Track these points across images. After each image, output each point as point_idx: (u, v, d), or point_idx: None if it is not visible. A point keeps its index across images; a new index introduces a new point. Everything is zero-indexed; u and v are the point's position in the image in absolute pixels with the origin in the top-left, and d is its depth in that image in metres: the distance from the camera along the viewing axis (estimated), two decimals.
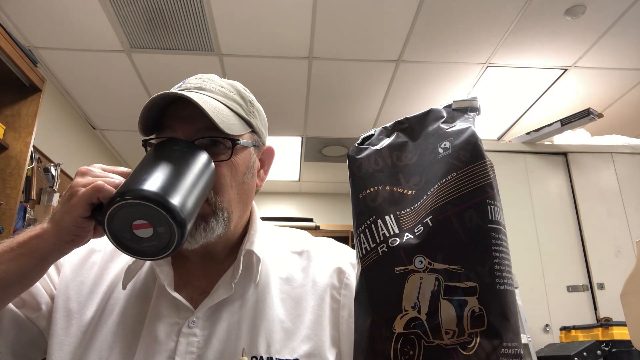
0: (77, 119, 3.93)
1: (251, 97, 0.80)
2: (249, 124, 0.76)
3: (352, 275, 0.77)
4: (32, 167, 2.94)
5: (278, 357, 0.68)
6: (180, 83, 0.77)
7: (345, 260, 0.80)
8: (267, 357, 0.67)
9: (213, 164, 0.67)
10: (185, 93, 0.70)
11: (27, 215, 2.96)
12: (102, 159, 4.47)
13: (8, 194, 2.40)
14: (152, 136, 0.74)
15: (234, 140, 0.72)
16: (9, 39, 2.35)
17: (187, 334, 0.69)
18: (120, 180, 0.62)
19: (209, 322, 0.70)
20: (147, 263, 0.76)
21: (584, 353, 1.97)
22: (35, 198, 3.06)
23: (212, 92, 0.74)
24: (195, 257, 0.77)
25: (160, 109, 0.71)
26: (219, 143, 0.71)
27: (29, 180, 2.95)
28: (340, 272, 0.77)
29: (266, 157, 0.83)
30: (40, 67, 3.18)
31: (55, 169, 3.31)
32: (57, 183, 3.31)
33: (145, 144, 0.74)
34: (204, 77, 0.77)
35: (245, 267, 0.74)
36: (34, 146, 2.71)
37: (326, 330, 0.72)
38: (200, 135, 0.70)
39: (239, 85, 0.79)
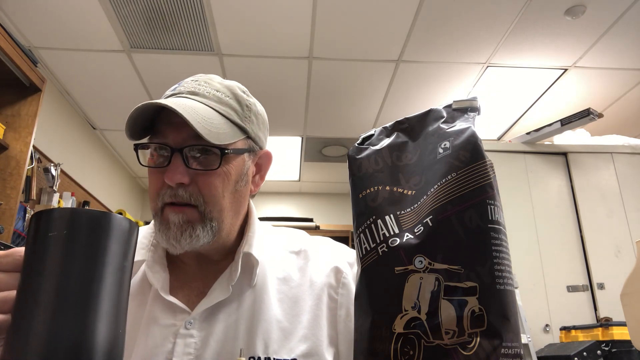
0: (77, 119, 3.93)
1: (250, 100, 0.77)
2: (243, 130, 0.74)
3: (350, 275, 0.77)
4: (32, 167, 2.94)
5: (276, 357, 0.68)
6: (177, 85, 0.76)
7: (343, 259, 0.79)
8: (265, 358, 0.67)
9: (129, 225, 0.46)
10: (174, 99, 0.69)
11: (27, 215, 2.96)
12: (102, 159, 4.47)
13: (8, 194, 2.40)
14: (145, 140, 0.72)
15: (222, 149, 0.70)
16: (9, 39, 2.35)
17: (184, 335, 0.69)
18: (11, 299, 0.44)
19: (206, 323, 0.70)
20: (142, 267, 0.75)
21: (584, 353, 1.97)
22: (35, 198, 3.06)
23: (205, 97, 0.72)
24: (190, 259, 0.77)
25: (153, 112, 0.70)
26: (208, 151, 0.70)
27: (29, 180, 2.95)
28: (337, 272, 0.77)
29: (263, 162, 0.81)
30: (40, 67, 3.18)
31: (55, 169, 3.31)
32: (57, 183, 3.32)
33: (137, 148, 0.72)
34: (200, 80, 0.75)
35: (243, 270, 0.74)
36: (34, 146, 2.71)
37: (324, 329, 0.72)
38: (189, 143, 0.69)
39: (237, 88, 0.77)
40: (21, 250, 0.46)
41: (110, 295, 0.43)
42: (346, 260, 0.79)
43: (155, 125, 0.71)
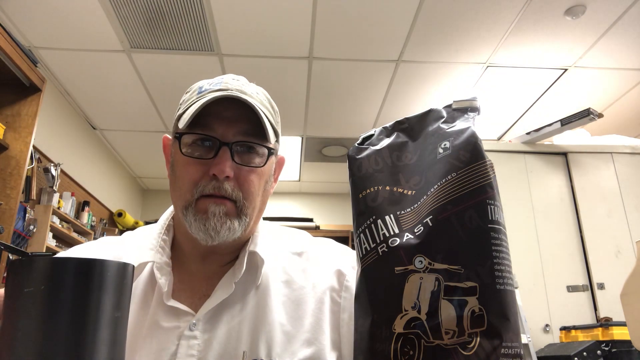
0: (77, 119, 3.93)
1: (276, 107, 0.80)
2: (276, 133, 0.76)
3: (352, 278, 0.76)
4: (32, 167, 2.94)
5: None
6: (217, 81, 0.75)
7: (345, 262, 0.79)
8: None
9: (122, 269, 0.41)
10: (236, 95, 0.70)
11: (27, 215, 2.96)
12: (102, 159, 4.47)
13: (8, 194, 2.40)
14: (193, 130, 0.71)
15: (270, 148, 0.73)
16: (9, 39, 2.35)
17: (188, 337, 0.69)
18: None
19: (209, 324, 0.70)
20: (146, 269, 0.75)
21: (584, 353, 1.97)
22: (35, 198, 3.06)
23: (252, 97, 0.73)
24: (196, 261, 0.77)
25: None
26: (253, 149, 0.72)
27: (29, 180, 2.95)
28: (340, 275, 0.77)
29: (277, 166, 0.83)
30: (40, 67, 3.19)
31: (55, 169, 3.31)
32: (57, 183, 3.32)
33: (180, 136, 0.72)
34: (241, 80, 0.76)
35: (248, 269, 0.74)
36: (34, 146, 2.71)
37: (326, 333, 0.71)
38: (239, 139, 0.70)
39: (266, 92, 0.79)
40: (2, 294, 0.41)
41: (102, 354, 0.38)
42: (349, 263, 0.79)
43: (197, 117, 0.70)
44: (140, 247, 0.75)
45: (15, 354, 0.36)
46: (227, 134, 0.70)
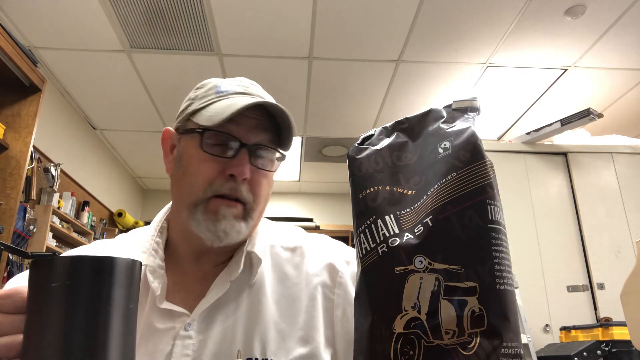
0: (77, 119, 3.93)
1: None
2: None
3: (346, 274, 0.76)
4: (32, 167, 2.94)
5: (273, 359, 0.68)
6: (235, 82, 0.76)
7: (339, 258, 0.78)
8: (263, 359, 0.67)
9: (132, 265, 0.46)
10: (269, 103, 0.71)
11: (27, 215, 2.96)
12: (102, 159, 4.47)
13: (8, 194, 2.41)
14: (212, 127, 0.70)
15: (284, 155, 0.76)
16: (9, 39, 2.35)
17: (183, 337, 0.69)
18: (17, 345, 0.45)
19: (204, 324, 0.70)
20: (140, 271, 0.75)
21: (584, 353, 1.97)
22: (35, 198, 3.06)
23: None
24: (192, 259, 0.76)
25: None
26: (269, 153, 0.74)
27: (29, 180, 2.95)
28: (333, 270, 0.76)
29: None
30: (40, 67, 3.19)
31: (55, 169, 3.31)
32: (57, 183, 3.32)
33: (203, 132, 0.71)
34: (258, 86, 0.78)
35: (243, 268, 0.74)
36: (34, 146, 2.71)
37: (320, 330, 0.71)
38: (258, 142, 0.72)
39: None
40: (21, 291, 0.45)
41: (118, 342, 0.43)
42: (342, 259, 0.78)
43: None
44: (132, 250, 0.75)
45: (46, 343, 0.41)
46: (248, 136, 0.71)
